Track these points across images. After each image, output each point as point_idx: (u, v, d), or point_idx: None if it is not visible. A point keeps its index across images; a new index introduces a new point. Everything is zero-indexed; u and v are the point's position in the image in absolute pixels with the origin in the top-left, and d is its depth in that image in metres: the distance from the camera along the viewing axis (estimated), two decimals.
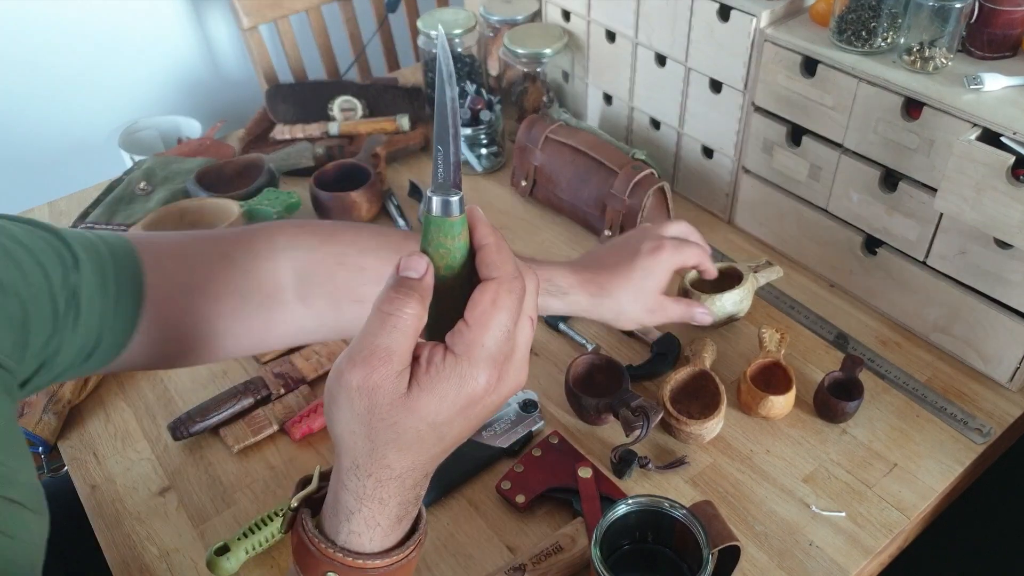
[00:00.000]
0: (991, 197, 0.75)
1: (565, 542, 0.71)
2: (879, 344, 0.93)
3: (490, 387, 0.43)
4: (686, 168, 1.13)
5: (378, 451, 0.43)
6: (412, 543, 0.48)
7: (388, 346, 0.41)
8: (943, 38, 0.81)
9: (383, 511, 0.45)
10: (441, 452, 0.46)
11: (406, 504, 0.46)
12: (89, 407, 0.91)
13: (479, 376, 0.42)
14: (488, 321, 0.42)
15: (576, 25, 1.20)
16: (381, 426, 0.42)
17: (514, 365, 0.44)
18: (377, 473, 0.44)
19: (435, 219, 0.43)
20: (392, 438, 0.43)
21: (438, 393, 0.42)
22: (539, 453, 0.80)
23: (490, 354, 0.42)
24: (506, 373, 0.44)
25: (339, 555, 0.45)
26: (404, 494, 0.46)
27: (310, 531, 0.46)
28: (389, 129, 1.28)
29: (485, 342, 0.42)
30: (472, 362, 0.42)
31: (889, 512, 0.76)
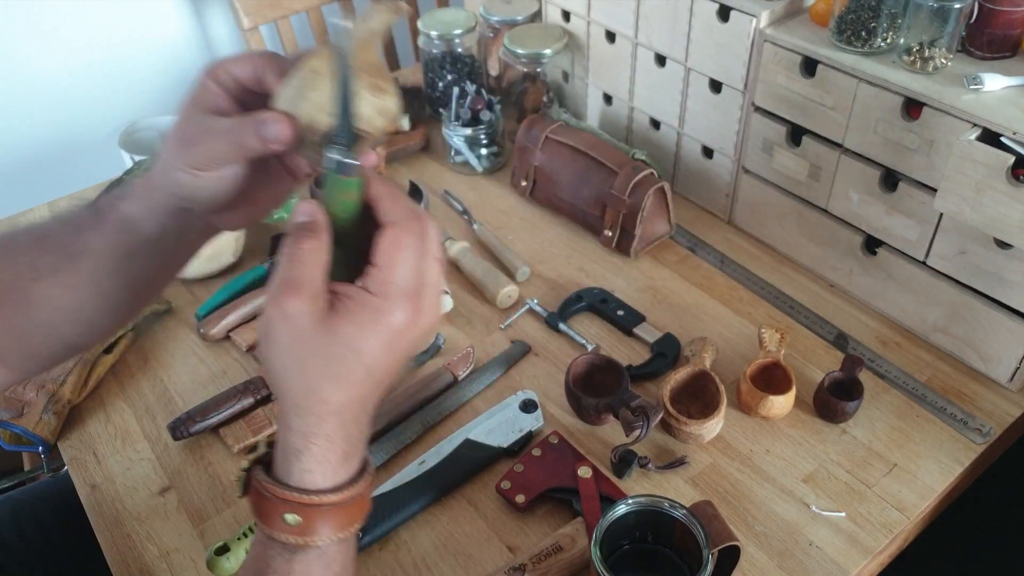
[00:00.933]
0: (991, 197, 0.75)
1: (565, 542, 0.71)
2: (879, 344, 0.93)
3: (408, 320, 0.46)
4: (686, 168, 1.13)
5: (311, 385, 0.46)
6: (363, 479, 0.49)
7: (295, 276, 0.45)
8: (943, 38, 0.81)
9: (330, 447, 0.47)
10: (373, 387, 0.47)
11: (350, 439, 0.48)
12: (89, 407, 0.91)
13: (395, 311, 0.46)
14: (394, 260, 0.46)
15: (576, 25, 1.20)
16: (307, 354, 0.45)
17: (426, 300, 0.47)
18: (316, 409, 0.46)
19: (331, 175, 0.47)
20: (321, 368, 0.45)
21: (355, 321, 0.45)
22: (539, 453, 0.80)
23: (401, 290, 0.46)
24: (420, 308, 0.47)
25: (294, 495, 0.46)
26: (346, 428, 0.47)
27: (264, 480, 0.48)
28: (389, 129, 1.28)
29: (395, 279, 0.46)
30: (387, 297, 0.46)
31: (889, 512, 0.76)
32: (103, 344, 0.93)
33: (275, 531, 0.47)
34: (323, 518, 0.47)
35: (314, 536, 0.47)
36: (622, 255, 1.06)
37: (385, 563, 0.74)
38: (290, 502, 0.46)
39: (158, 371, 0.95)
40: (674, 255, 1.07)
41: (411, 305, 0.46)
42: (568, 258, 1.07)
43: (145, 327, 1.00)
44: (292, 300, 0.45)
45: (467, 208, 1.15)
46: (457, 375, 0.90)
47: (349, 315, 0.45)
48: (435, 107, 1.34)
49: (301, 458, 0.47)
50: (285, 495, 0.46)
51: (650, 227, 1.06)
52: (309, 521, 0.47)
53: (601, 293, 0.99)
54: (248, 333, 0.96)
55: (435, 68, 1.30)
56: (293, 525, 0.47)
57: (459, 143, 1.20)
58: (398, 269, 0.46)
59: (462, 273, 1.05)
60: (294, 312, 0.45)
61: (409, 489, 0.77)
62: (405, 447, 0.84)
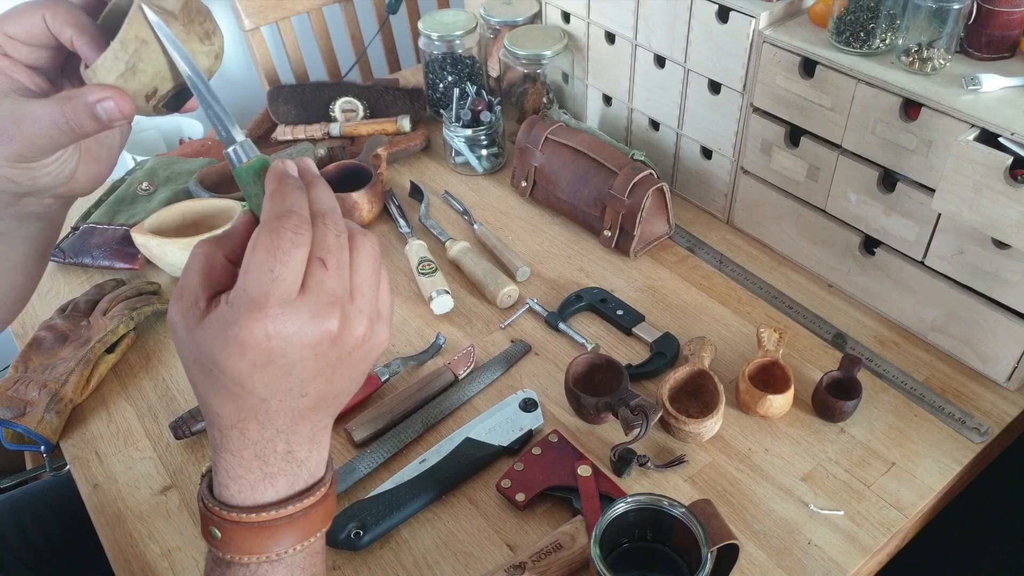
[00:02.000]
0: (989, 197, 0.75)
1: (565, 540, 0.72)
2: (877, 344, 0.93)
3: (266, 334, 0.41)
4: (685, 169, 1.14)
5: (201, 396, 0.44)
6: (296, 502, 0.45)
7: (181, 285, 0.44)
8: (941, 39, 0.81)
9: (238, 463, 0.44)
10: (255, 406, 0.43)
11: (265, 458, 0.44)
12: (91, 406, 0.91)
13: (240, 319, 0.40)
14: (247, 265, 0.41)
15: (576, 27, 1.20)
16: (190, 364, 0.43)
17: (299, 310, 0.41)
18: (215, 422, 0.44)
19: (234, 170, 0.46)
20: (202, 379, 0.43)
21: (210, 330, 0.41)
22: (539, 452, 0.80)
23: (251, 298, 0.40)
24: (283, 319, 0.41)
25: (215, 507, 0.45)
26: (254, 447, 0.44)
27: (202, 490, 0.46)
28: (390, 130, 1.28)
29: (245, 286, 0.41)
30: (234, 307, 0.41)
31: (887, 511, 0.76)
32: (104, 344, 0.93)
33: (208, 542, 0.46)
34: (242, 535, 0.44)
35: (236, 553, 0.45)
36: (621, 255, 1.07)
37: (386, 561, 0.74)
38: (212, 514, 0.45)
39: (160, 370, 0.95)
40: (673, 255, 1.07)
41: (262, 316, 0.40)
42: (568, 258, 1.08)
43: (147, 327, 1.00)
44: (171, 308, 0.43)
45: (467, 208, 1.16)
46: (457, 374, 0.90)
47: (206, 325, 0.42)
48: (436, 108, 1.34)
49: (217, 472, 0.45)
50: (209, 507, 0.45)
51: (649, 227, 1.06)
52: (228, 536, 0.45)
53: (601, 293, 1.00)
54: None
55: (436, 69, 1.30)
56: (216, 539, 0.45)
57: (460, 144, 1.21)
58: (249, 274, 0.41)
59: (463, 273, 1.05)
60: (173, 321, 0.43)
61: (410, 487, 0.78)
62: (406, 445, 0.84)
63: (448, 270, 1.06)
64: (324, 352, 0.43)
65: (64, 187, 0.53)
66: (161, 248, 1.01)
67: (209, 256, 0.44)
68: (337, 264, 0.43)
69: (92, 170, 0.55)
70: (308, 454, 0.46)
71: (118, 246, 1.08)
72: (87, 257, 1.07)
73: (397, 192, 1.21)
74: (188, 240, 1.01)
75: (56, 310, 0.99)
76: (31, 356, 0.93)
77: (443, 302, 0.98)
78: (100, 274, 1.08)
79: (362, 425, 0.84)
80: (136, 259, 1.07)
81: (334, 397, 0.46)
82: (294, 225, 0.42)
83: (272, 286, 0.41)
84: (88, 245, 1.08)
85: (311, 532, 0.47)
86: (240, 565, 0.45)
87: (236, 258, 0.45)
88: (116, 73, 0.47)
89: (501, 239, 1.09)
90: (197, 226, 1.05)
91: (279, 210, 0.42)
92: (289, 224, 0.41)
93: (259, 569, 0.45)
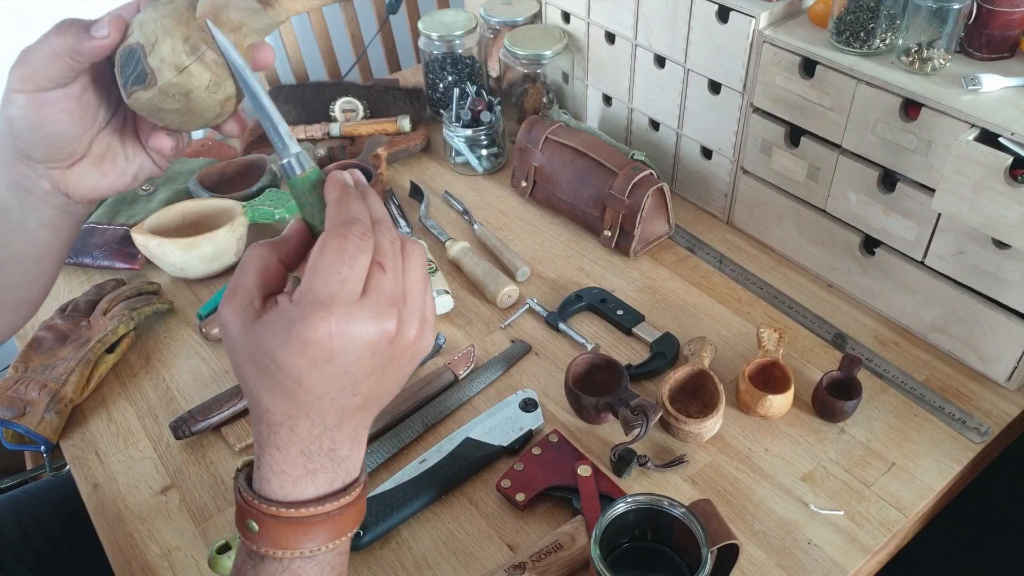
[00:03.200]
0: (989, 197, 0.75)
1: (565, 540, 0.72)
2: (877, 344, 0.93)
3: (330, 333, 0.42)
4: (685, 169, 1.14)
5: (253, 393, 0.45)
6: (333, 500, 0.46)
7: (235, 284, 0.45)
8: (941, 39, 0.81)
9: (284, 459, 0.45)
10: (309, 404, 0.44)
11: (311, 454, 0.46)
12: (91, 406, 0.91)
13: (308, 319, 0.42)
14: (314, 267, 0.43)
15: (576, 27, 1.20)
16: (243, 361, 0.44)
17: (362, 311, 0.43)
18: (265, 418, 0.45)
19: (289, 181, 0.48)
20: (256, 375, 0.44)
21: (271, 328, 0.43)
22: (539, 452, 0.80)
23: (317, 298, 0.42)
24: (348, 319, 0.42)
25: (255, 500, 0.46)
26: (302, 442, 0.45)
27: (240, 483, 0.47)
28: (390, 130, 1.28)
29: (312, 286, 0.42)
30: (300, 306, 0.42)
31: (887, 511, 0.76)
32: (104, 344, 0.93)
33: (243, 536, 0.47)
34: (280, 530, 0.46)
35: (271, 547, 0.46)
36: (622, 255, 1.07)
37: (386, 561, 0.74)
38: (251, 507, 0.46)
39: (160, 370, 0.95)
40: (673, 255, 1.07)
41: (330, 316, 0.42)
42: (568, 258, 1.08)
43: (147, 327, 1.00)
44: (225, 307, 0.45)
45: (467, 208, 1.16)
46: (458, 374, 0.91)
47: (265, 322, 0.43)
48: (436, 108, 1.35)
49: (260, 466, 0.46)
50: (248, 499, 0.46)
51: (649, 227, 1.06)
52: (265, 530, 0.46)
53: (601, 293, 1.00)
54: None
55: (436, 69, 1.30)
56: (252, 532, 0.46)
57: (460, 144, 1.21)
58: (318, 276, 0.42)
59: (463, 273, 1.05)
60: (226, 319, 0.45)
61: (410, 487, 0.78)
62: (406, 445, 0.84)
63: (448, 270, 1.06)
64: (380, 352, 0.44)
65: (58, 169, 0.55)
66: (161, 248, 1.01)
67: (264, 259, 0.46)
68: (393, 269, 0.45)
69: (93, 179, 0.56)
70: (349, 452, 0.48)
71: (118, 246, 1.08)
72: (87, 257, 1.07)
73: (397, 192, 1.21)
74: (188, 240, 1.01)
75: (56, 310, 0.99)
76: (31, 356, 0.93)
77: (443, 302, 0.98)
78: (100, 274, 1.08)
79: None
80: (136, 259, 1.07)
81: (379, 397, 0.47)
82: (360, 232, 0.44)
83: (339, 287, 0.42)
84: (88, 245, 1.08)
85: (343, 531, 0.48)
86: (274, 560, 0.46)
87: (289, 262, 0.48)
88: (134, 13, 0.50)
89: (501, 239, 1.09)
90: (197, 226, 1.05)
91: (345, 217, 0.45)
92: (355, 231, 0.44)
93: (292, 564, 0.46)
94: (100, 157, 0.56)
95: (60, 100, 0.51)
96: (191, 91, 0.49)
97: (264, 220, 1.08)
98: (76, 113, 0.52)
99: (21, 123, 0.52)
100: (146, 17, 0.49)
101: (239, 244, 1.06)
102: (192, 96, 0.50)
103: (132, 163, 0.58)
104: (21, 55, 0.50)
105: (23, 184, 0.55)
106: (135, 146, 0.58)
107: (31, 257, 0.60)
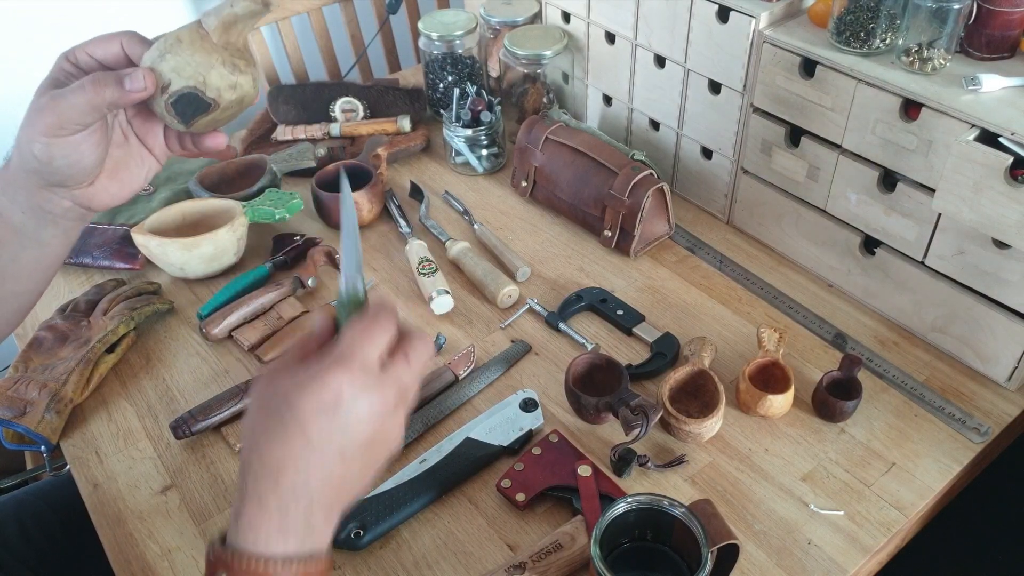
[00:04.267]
0: (989, 197, 0.75)
1: (565, 540, 0.72)
2: (877, 344, 0.93)
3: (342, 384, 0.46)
4: (685, 169, 1.14)
5: (253, 438, 0.47)
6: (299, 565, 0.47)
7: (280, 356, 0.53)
8: (941, 39, 0.81)
9: (261, 512, 0.47)
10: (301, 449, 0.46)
11: (286, 513, 0.47)
12: (91, 406, 0.91)
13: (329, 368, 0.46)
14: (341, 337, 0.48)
15: (576, 27, 1.20)
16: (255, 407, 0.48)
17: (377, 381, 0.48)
18: (253, 465, 0.47)
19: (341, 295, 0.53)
20: (262, 421, 0.47)
21: (294, 376, 0.47)
22: (539, 452, 0.80)
23: (341, 354, 0.47)
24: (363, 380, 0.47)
25: (227, 553, 0.47)
26: (280, 499, 0.47)
27: (214, 539, 0.49)
28: (390, 130, 1.28)
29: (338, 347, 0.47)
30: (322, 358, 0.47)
31: (887, 511, 0.76)
32: (104, 344, 0.93)
33: None
34: None
35: None
36: (622, 255, 1.07)
37: (386, 561, 0.74)
38: (221, 561, 0.47)
39: (160, 370, 0.95)
40: (673, 255, 1.07)
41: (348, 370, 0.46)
42: (568, 258, 1.08)
43: (147, 327, 1.00)
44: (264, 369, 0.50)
45: (468, 208, 1.16)
46: (458, 374, 0.91)
47: (291, 372, 0.47)
48: (436, 108, 1.35)
49: (237, 522, 0.47)
50: (219, 553, 0.47)
51: (649, 227, 1.06)
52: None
53: (601, 293, 1.00)
54: (250, 333, 0.97)
55: (436, 69, 1.30)
56: None
57: (460, 144, 1.21)
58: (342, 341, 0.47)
59: (463, 273, 1.05)
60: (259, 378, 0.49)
61: (410, 487, 0.78)
62: (406, 445, 0.84)
63: (448, 270, 1.06)
64: (375, 429, 0.48)
65: (80, 190, 0.60)
66: (161, 248, 1.01)
67: (304, 338, 0.51)
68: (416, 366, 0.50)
69: (113, 188, 0.62)
70: (321, 526, 0.49)
71: (118, 246, 1.08)
72: (87, 257, 1.07)
73: (397, 192, 1.21)
74: (188, 240, 1.01)
75: (56, 310, 0.99)
76: (31, 356, 0.93)
77: (443, 302, 0.98)
78: (100, 274, 1.08)
79: None
80: (136, 259, 1.07)
81: (355, 483, 0.50)
82: (387, 316, 0.49)
83: (361, 352, 0.47)
84: (88, 245, 1.08)
85: None
86: None
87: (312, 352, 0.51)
88: (150, 60, 0.57)
89: (501, 239, 1.09)
90: (197, 226, 1.05)
91: (378, 308, 0.50)
92: (384, 314, 0.49)
93: None
94: (114, 169, 0.62)
95: (86, 138, 0.57)
96: (244, 96, 0.61)
97: (264, 220, 1.08)
98: (100, 144, 0.58)
99: (49, 162, 0.57)
100: (177, 63, 0.57)
101: (239, 244, 1.06)
102: (244, 97, 0.61)
103: (142, 166, 0.63)
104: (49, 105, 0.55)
105: (44, 207, 0.60)
106: (140, 150, 0.63)
107: (40, 267, 0.64)
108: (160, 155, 0.64)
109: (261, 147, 1.29)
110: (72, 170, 0.58)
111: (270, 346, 0.95)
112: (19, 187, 0.59)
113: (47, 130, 0.55)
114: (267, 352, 0.94)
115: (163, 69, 0.57)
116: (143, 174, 0.64)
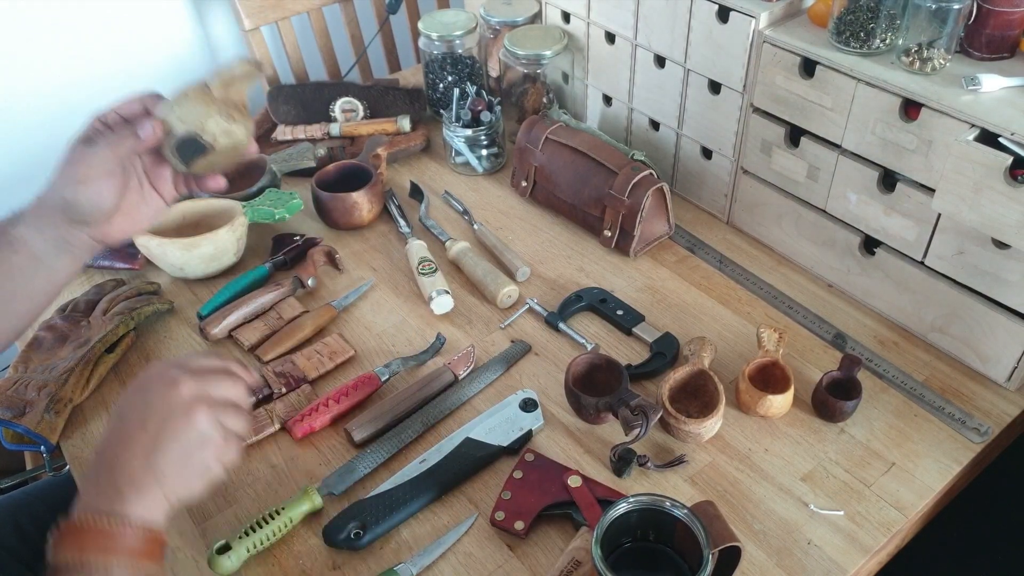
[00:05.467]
0: (989, 197, 0.75)
1: (581, 555, 0.70)
2: (877, 344, 0.93)
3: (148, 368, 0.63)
4: (685, 169, 1.14)
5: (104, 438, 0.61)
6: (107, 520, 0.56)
7: None
8: (941, 39, 0.81)
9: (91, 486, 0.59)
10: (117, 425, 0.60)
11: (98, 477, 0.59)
12: (91, 406, 0.91)
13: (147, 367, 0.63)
14: None
15: (576, 27, 1.20)
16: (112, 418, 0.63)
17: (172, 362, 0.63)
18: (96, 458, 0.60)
19: None
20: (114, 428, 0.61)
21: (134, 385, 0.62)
22: (520, 474, 0.78)
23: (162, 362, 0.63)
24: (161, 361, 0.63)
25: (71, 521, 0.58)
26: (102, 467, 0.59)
27: None
28: (390, 130, 1.28)
29: None
30: None
31: (887, 511, 0.76)
32: (104, 344, 0.93)
33: None
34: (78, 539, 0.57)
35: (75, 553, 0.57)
36: (622, 255, 1.07)
37: (386, 561, 0.74)
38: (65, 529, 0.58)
39: None
40: (673, 255, 1.07)
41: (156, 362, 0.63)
42: (568, 258, 1.08)
43: (147, 327, 1.00)
44: None
45: (467, 208, 1.16)
46: (458, 374, 0.91)
47: None
48: (436, 108, 1.35)
49: None
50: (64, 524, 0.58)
51: (649, 227, 1.06)
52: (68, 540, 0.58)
53: (601, 293, 1.00)
54: (250, 333, 0.97)
55: (436, 69, 1.30)
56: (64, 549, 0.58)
57: (460, 144, 1.21)
58: None
59: (463, 273, 1.05)
60: None
61: (410, 487, 0.78)
62: (406, 445, 0.84)
63: (448, 270, 1.06)
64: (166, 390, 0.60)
65: (98, 227, 0.70)
66: (161, 248, 1.01)
67: None
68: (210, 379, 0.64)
69: (126, 225, 0.73)
70: (130, 493, 0.58)
71: (118, 246, 1.08)
72: None
73: (397, 192, 1.21)
74: (188, 240, 1.01)
75: (56, 310, 0.99)
76: (31, 356, 0.93)
77: (443, 302, 0.98)
78: (100, 274, 1.08)
79: (362, 425, 0.84)
80: (136, 259, 1.07)
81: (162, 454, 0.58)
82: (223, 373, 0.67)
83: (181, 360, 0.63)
84: None
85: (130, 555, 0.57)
86: None
87: None
88: (162, 112, 0.69)
89: (501, 239, 1.09)
90: (197, 226, 1.05)
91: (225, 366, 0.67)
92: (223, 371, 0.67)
93: None
94: (129, 209, 0.72)
95: (109, 185, 0.68)
96: (238, 143, 0.71)
97: (264, 220, 1.08)
98: (119, 189, 0.69)
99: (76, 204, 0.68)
100: (182, 112, 0.68)
101: (239, 244, 1.06)
102: (238, 144, 0.72)
103: (151, 205, 0.74)
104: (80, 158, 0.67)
105: (66, 239, 0.70)
106: (151, 193, 0.73)
107: (48, 289, 0.72)
108: (168, 197, 0.75)
109: (261, 147, 1.29)
110: (94, 210, 0.69)
111: (270, 346, 0.95)
112: (46, 221, 0.69)
113: (78, 177, 0.67)
114: (267, 352, 0.94)
115: (171, 119, 0.69)
116: (151, 212, 0.74)
